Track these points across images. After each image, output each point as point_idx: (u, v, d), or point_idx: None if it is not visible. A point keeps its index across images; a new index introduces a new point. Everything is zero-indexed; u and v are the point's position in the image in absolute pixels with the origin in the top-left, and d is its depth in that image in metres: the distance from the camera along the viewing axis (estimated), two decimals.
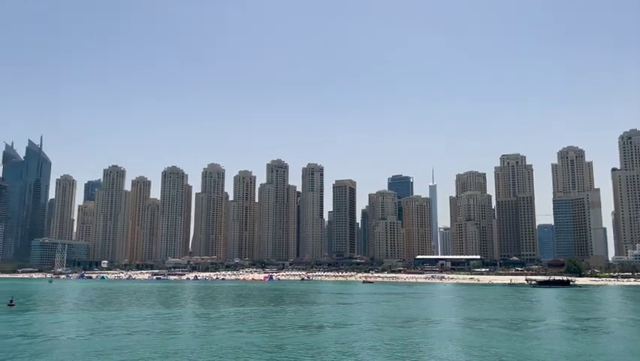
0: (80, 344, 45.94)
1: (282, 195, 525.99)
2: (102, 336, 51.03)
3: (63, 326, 61.57)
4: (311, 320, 69.14)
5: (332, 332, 55.28)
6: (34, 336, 50.94)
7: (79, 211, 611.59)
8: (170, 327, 59.87)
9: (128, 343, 46.05)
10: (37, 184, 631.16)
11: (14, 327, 58.85)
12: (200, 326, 62.00)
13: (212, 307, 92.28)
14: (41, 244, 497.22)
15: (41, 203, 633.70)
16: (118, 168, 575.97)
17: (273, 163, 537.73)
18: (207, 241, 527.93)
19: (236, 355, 40.23)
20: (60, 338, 49.54)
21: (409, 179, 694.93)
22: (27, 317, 71.42)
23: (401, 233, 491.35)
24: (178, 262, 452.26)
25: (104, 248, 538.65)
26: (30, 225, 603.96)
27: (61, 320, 68.44)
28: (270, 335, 51.96)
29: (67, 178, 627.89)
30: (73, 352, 41.73)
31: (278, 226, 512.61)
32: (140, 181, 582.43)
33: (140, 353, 40.80)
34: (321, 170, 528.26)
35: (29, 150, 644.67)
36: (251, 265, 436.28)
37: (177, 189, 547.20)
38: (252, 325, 61.73)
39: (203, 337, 50.73)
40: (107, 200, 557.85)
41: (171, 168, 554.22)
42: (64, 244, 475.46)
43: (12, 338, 49.62)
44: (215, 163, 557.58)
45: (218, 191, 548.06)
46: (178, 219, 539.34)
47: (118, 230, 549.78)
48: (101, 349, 42.66)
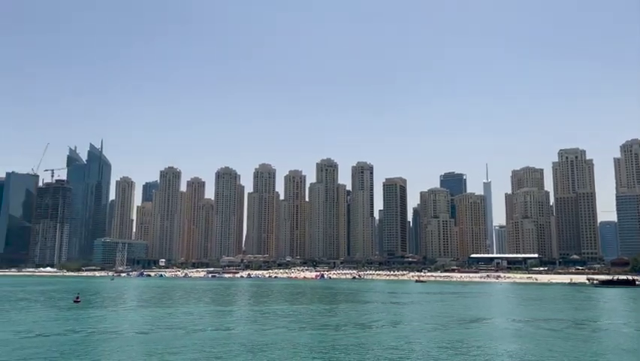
0: (142, 340, 47.69)
1: (332, 194, 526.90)
2: (162, 332, 52.75)
3: (125, 321, 64.14)
4: (363, 318, 68.88)
5: (385, 332, 54.84)
6: (99, 331, 53.31)
7: (137, 212, 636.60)
8: (227, 324, 61.17)
9: (187, 339, 47.40)
10: (98, 186, 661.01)
11: (80, 322, 61.83)
12: (254, 322, 62.99)
13: (265, 305, 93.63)
14: (103, 244, 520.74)
15: (102, 204, 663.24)
16: (174, 170, 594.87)
17: (323, 162, 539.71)
18: (259, 240, 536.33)
19: (291, 353, 40.57)
20: (123, 333, 51.62)
21: (461, 176, 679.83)
22: (92, 313, 74.86)
23: (454, 231, 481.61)
24: (232, 260, 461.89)
25: (162, 247, 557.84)
26: (92, 225, 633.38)
27: (123, 316, 71.34)
28: (322, 334, 52.13)
29: (127, 180, 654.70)
30: (136, 347, 43.37)
31: (328, 225, 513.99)
32: (195, 182, 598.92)
33: (199, 348, 41.92)
34: (371, 168, 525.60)
35: (91, 154, 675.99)
36: (302, 264, 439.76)
37: (230, 190, 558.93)
38: (305, 323, 62.16)
39: (257, 334, 51.51)
40: (164, 200, 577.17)
41: (224, 168, 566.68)
42: (124, 244, 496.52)
43: (78, 332, 52.14)
44: (266, 163, 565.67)
45: (269, 190, 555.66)
46: (231, 219, 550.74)
47: (174, 229, 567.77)
48: (161, 344, 44.12)
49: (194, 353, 39.64)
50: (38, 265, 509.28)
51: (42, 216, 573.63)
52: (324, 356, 39.14)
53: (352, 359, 38.49)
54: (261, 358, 38.20)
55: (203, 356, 38.41)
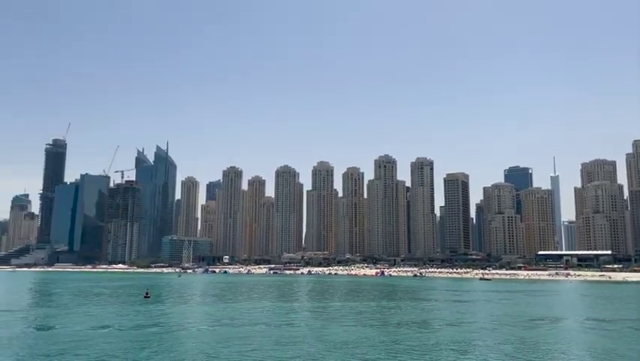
0: (209, 334, 49.33)
1: (391, 190, 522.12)
2: (227, 327, 54.31)
3: (192, 316, 66.60)
4: (425, 316, 67.88)
5: (448, 330, 53.81)
6: (168, 325, 55.61)
7: (202, 210, 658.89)
8: (289, 319, 62.12)
9: (251, 333, 48.56)
10: (165, 186, 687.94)
11: (150, 317, 64.72)
12: (316, 318, 63.59)
13: (326, 301, 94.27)
14: (170, 241, 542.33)
15: (169, 203, 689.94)
16: (235, 169, 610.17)
17: (381, 159, 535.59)
18: (319, 237, 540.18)
19: (353, 349, 40.62)
20: (190, 328, 53.60)
21: (527, 170, 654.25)
22: (161, 308, 78.15)
23: (520, 228, 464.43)
24: (292, 257, 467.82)
25: (225, 244, 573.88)
26: (160, 223, 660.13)
27: (191, 311, 74.10)
28: (383, 331, 51.86)
29: (191, 180, 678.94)
30: (203, 340, 44.91)
31: (388, 222, 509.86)
32: (256, 181, 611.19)
33: (263, 342, 42.84)
34: (431, 164, 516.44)
35: (157, 155, 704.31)
36: (362, 261, 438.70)
37: (289, 188, 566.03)
38: (365, 319, 62.07)
39: (319, 330, 51.96)
40: (226, 199, 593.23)
41: (284, 167, 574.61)
42: (190, 241, 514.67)
43: (148, 326, 54.62)
44: (324, 161, 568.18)
45: (327, 188, 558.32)
46: (291, 216, 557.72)
47: (237, 227, 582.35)
48: (227, 338, 45.45)
49: (259, 348, 40.53)
50: (111, 262, 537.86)
51: (114, 215, 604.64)
52: (386, 353, 38.92)
53: (414, 356, 38.05)
54: (324, 353, 38.51)
55: (269, 351, 39.18)
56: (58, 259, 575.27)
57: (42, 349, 40.31)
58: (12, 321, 59.79)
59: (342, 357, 37.32)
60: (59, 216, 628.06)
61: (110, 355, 37.24)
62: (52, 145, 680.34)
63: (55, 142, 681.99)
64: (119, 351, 38.96)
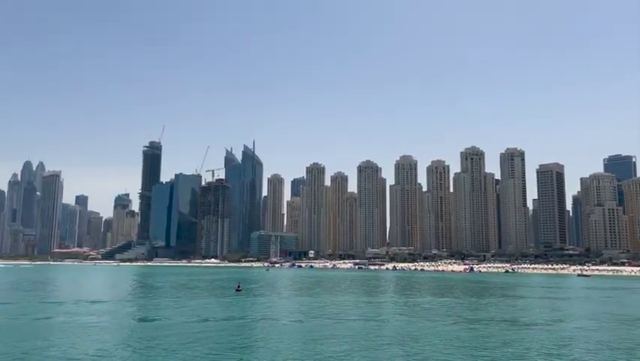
0: (297, 327, 50.42)
1: (479, 183, 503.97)
2: (316, 320, 55.20)
3: (282, 309, 68.40)
4: (518, 314, 64.82)
5: (544, 329, 51.02)
6: (259, 318, 57.53)
7: (287, 206, 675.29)
8: (376, 314, 61.97)
9: (339, 327, 48.99)
10: (252, 184, 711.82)
11: (243, 309, 67.30)
12: (403, 314, 62.88)
13: (413, 297, 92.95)
14: (258, 237, 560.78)
15: (257, 200, 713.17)
16: (318, 165, 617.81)
17: (467, 151, 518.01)
18: (403, 232, 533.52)
19: (442, 346, 39.72)
20: (281, 320, 55.06)
21: (630, 158, 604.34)
22: (252, 301, 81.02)
23: (623, 221, 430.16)
24: (377, 253, 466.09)
25: (311, 239, 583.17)
26: (249, 220, 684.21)
27: (280, 304, 76.15)
28: (474, 328, 50.20)
29: (277, 177, 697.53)
30: (292, 333, 45.98)
31: (476, 216, 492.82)
32: (339, 176, 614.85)
33: (350, 337, 43.06)
34: (522, 154, 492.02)
35: (245, 154, 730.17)
36: (449, 256, 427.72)
37: (372, 183, 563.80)
38: (454, 316, 60.44)
39: (406, 325, 51.34)
40: (310, 195, 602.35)
41: (366, 162, 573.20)
42: (277, 236, 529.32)
43: (241, 319, 56.83)
44: (407, 155, 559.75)
45: (411, 182, 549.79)
46: (374, 212, 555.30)
47: (321, 222, 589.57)
48: (315, 332, 46.20)
49: (345, 342, 40.79)
50: (204, 257, 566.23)
51: (206, 212, 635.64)
52: (478, 351, 37.64)
53: (507, 355, 36.46)
54: (411, 350, 38.00)
55: (355, 345, 39.33)
56: (156, 254, 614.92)
57: (146, 337, 43.22)
58: (119, 311, 64.74)
59: (430, 354, 36.61)
60: (157, 213, 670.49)
61: (209, 344, 39.14)
62: (149, 147, 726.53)
63: (151, 144, 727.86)
64: (215, 341, 40.87)
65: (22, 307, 67.45)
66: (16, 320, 53.70)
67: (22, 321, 53.23)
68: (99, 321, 52.82)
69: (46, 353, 35.15)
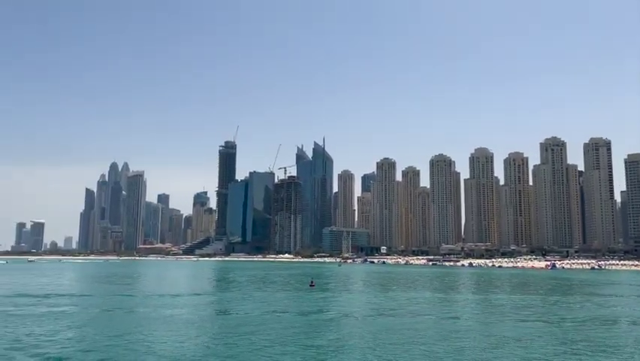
0: (372, 322, 50.23)
1: (560, 175, 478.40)
2: (389, 316, 54.75)
3: (355, 304, 68.40)
4: (608, 313, 60.72)
5: (636, 330, 47.49)
6: (333, 313, 57.91)
7: (358, 202, 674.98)
8: (452, 311, 60.50)
9: (413, 323, 48.26)
10: (323, 180, 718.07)
11: (317, 304, 68.01)
12: (479, 312, 60.89)
13: (491, 294, 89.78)
14: (330, 232, 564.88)
15: (328, 196, 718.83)
16: (389, 160, 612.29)
17: (547, 141, 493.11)
18: (479, 228, 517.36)
19: (523, 345, 37.99)
20: (354, 316, 55.09)
21: None
22: (325, 296, 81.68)
23: None
24: (452, 249, 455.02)
25: (382, 235, 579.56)
26: (320, 215, 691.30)
27: (353, 299, 76.20)
28: (558, 327, 47.63)
29: (347, 173, 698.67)
30: (367, 328, 45.83)
31: (557, 210, 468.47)
32: (410, 171, 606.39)
33: (425, 333, 42.28)
34: (608, 144, 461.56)
35: (315, 151, 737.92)
36: (529, 252, 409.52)
37: (445, 177, 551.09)
38: (536, 314, 57.65)
39: (484, 324, 49.64)
40: (381, 190, 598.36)
41: (438, 155, 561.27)
42: (348, 232, 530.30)
43: (315, 313, 57.44)
44: (482, 147, 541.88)
45: (487, 176, 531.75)
46: (448, 207, 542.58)
47: (393, 218, 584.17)
48: (389, 327, 45.79)
49: (421, 340, 40.09)
50: (278, 252, 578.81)
51: (279, 208, 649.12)
52: (562, 352, 35.63)
53: (596, 357, 34.25)
54: (489, 349, 36.64)
55: (431, 343, 38.53)
56: (233, 250, 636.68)
57: (225, 330, 44.77)
58: (200, 304, 67.57)
59: (509, 354, 35.12)
60: (233, 210, 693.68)
61: (285, 338, 39.89)
62: (225, 147, 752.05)
63: (226, 144, 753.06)
64: (291, 334, 41.59)
65: (113, 300, 72.16)
66: (107, 312, 57.52)
67: (113, 313, 56.90)
68: (181, 314, 55.36)
69: (134, 344, 37.27)
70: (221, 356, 33.47)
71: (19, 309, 58.72)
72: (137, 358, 32.14)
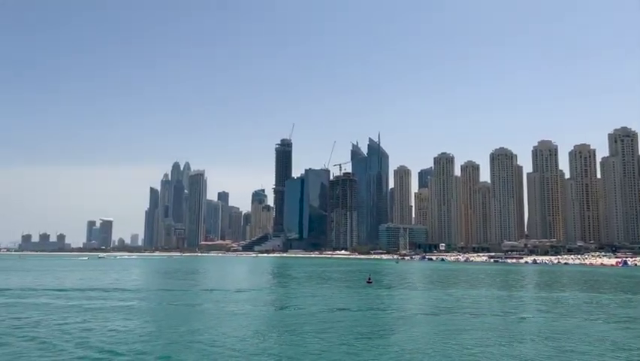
0: (430, 320, 49.54)
1: (632, 167, 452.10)
2: (448, 314, 53.75)
3: (413, 301, 67.67)
4: None
5: None
6: (390, 310, 57.53)
7: (415, 198, 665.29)
8: (513, 309, 58.65)
9: (473, 322, 47.17)
10: (378, 176, 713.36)
11: (374, 301, 67.80)
12: (544, 310, 58.61)
13: (557, 292, 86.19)
14: (387, 229, 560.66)
15: (383, 192, 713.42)
16: (447, 155, 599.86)
17: (617, 132, 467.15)
18: (544, 223, 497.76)
19: (590, 346, 36.24)
20: (412, 313, 54.54)
21: None
22: (383, 293, 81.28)
23: None
24: (514, 245, 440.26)
25: (441, 231, 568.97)
26: (376, 212, 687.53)
27: (411, 297, 75.40)
28: (629, 328, 45.09)
29: (403, 169, 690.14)
30: (426, 327, 45.27)
31: (629, 204, 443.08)
32: (469, 166, 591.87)
33: (488, 332, 41.22)
34: None
35: (370, 147, 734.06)
36: (597, 249, 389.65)
37: (507, 171, 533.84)
38: (605, 314, 54.81)
39: (549, 322, 47.75)
40: (439, 186, 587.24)
41: (499, 149, 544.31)
42: (405, 229, 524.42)
43: (373, 310, 57.31)
44: (546, 140, 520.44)
45: (551, 169, 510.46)
46: (510, 202, 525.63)
47: (452, 214, 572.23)
48: (448, 326, 45.00)
49: (483, 338, 39.12)
50: (335, 249, 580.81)
51: (334, 205, 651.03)
52: (633, 356, 33.74)
53: None
54: (555, 349, 35.20)
55: (493, 341, 37.52)
56: (290, 246, 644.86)
57: (285, 325, 45.53)
58: (259, 299, 69.05)
59: (575, 354, 33.61)
60: (289, 207, 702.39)
61: (343, 334, 40.08)
62: (281, 145, 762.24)
63: (282, 142, 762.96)
64: (352, 332, 41.69)
65: (178, 295, 75.02)
66: (173, 307, 59.86)
67: (178, 308, 59.15)
68: (243, 308, 56.77)
69: (197, 339, 38.57)
70: (283, 352, 34.04)
71: (91, 303, 62.21)
72: (201, 353, 33.21)
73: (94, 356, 32.01)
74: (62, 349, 33.86)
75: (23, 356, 31.95)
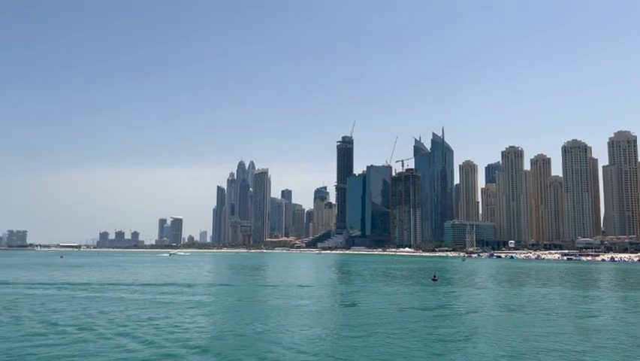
0: (499, 319, 47.97)
1: None
2: (518, 313, 51.90)
3: (481, 300, 65.77)
4: None
5: None
6: (457, 308, 56.31)
7: (482, 194, 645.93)
8: (591, 309, 55.72)
9: (545, 321, 45.30)
10: (443, 172, 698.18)
11: (440, 299, 66.59)
12: (625, 310, 55.21)
13: (637, 291, 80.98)
14: (452, 226, 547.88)
15: (448, 188, 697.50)
16: (515, 149, 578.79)
17: None
18: (622, 219, 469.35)
19: None
20: (480, 312, 53.03)
21: None
22: (449, 291, 79.66)
23: None
24: (589, 242, 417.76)
25: (510, 228, 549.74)
26: (441, 209, 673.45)
27: (478, 295, 73.30)
28: None
29: (469, 163, 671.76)
30: (495, 326, 43.88)
31: None
32: (539, 159, 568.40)
33: (562, 333, 39.45)
34: None
35: (434, 142, 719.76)
36: None
37: (580, 164, 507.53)
38: None
39: (628, 325, 44.93)
40: (507, 181, 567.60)
41: (572, 141, 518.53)
42: (472, 225, 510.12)
43: (439, 308, 56.35)
44: (624, 131, 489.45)
45: (630, 162, 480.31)
46: (584, 196, 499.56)
47: (521, 210, 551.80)
48: (519, 325, 43.46)
49: (557, 339, 37.47)
50: (398, 246, 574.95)
51: (397, 202, 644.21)
52: None
53: None
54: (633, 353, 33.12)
55: (568, 343, 35.82)
56: (353, 243, 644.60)
57: (350, 322, 45.70)
58: (325, 295, 69.69)
59: None
60: (351, 204, 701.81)
61: (412, 333, 39.67)
62: (342, 142, 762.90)
63: (344, 139, 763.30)
64: (419, 329, 41.22)
65: (245, 290, 77.13)
66: (240, 302, 61.61)
67: (246, 303, 60.82)
68: (308, 305, 57.46)
69: (264, 333, 39.50)
70: (349, 351, 34.14)
71: (165, 297, 65.20)
72: (266, 349, 33.82)
73: (161, 349, 33.45)
74: (133, 342, 35.60)
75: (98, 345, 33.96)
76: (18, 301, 59.42)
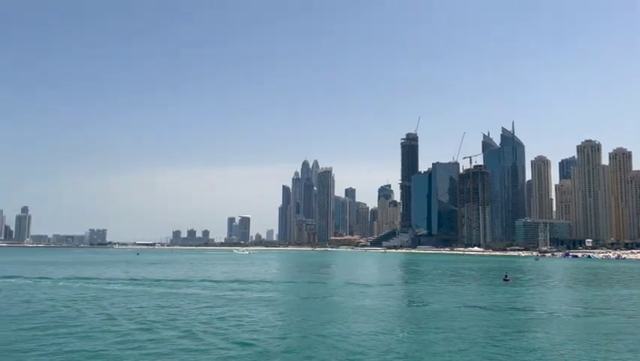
0: (574, 321, 45.67)
1: None
2: (596, 316, 49.16)
3: (555, 301, 62.82)
4: None
5: None
6: (529, 310, 54.04)
7: (556, 190, 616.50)
8: None
9: (629, 327, 42.55)
10: (513, 168, 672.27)
11: (511, 300, 64.09)
12: None
13: None
14: (524, 224, 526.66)
15: (519, 185, 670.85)
16: (592, 143, 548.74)
17: None
18: None
19: None
20: (554, 313, 50.66)
21: None
22: (521, 291, 76.61)
23: None
24: None
25: (586, 226, 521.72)
26: (512, 206, 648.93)
27: (553, 296, 70.09)
28: None
29: (542, 159, 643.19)
30: (573, 329, 41.89)
31: None
32: (619, 153, 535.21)
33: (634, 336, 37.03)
34: None
35: (503, 137, 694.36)
36: None
37: None
38: None
39: None
40: (584, 177, 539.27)
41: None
42: (545, 223, 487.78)
43: (510, 310, 54.24)
44: None
45: None
46: None
47: (599, 207, 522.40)
48: (600, 330, 41.13)
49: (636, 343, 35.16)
50: (467, 245, 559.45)
51: (465, 200, 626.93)
52: None
53: None
54: None
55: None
56: (419, 242, 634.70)
57: (419, 322, 45.11)
58: (391, 295, 69.22)
59: None
60: (417, 202, 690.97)
61: (484, 335, 38.62)
62: (406, 139, 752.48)
63: (408, 136, 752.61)
64: (490, 332, 40.00)
65: (310, 288, 77.99)
66: (305, 300, 62.32)
67: (310, 301, 61.47)
68: (373, 304, 57.14)
69: (328, 333, 39.61)
70: (416, 352, 33.68)
71: (235, 293, 67.20)
72: (332, 347, 33.83)
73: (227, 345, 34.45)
74: (201, 338, 36.87)
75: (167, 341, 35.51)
76: (103, 298, 63.22)
